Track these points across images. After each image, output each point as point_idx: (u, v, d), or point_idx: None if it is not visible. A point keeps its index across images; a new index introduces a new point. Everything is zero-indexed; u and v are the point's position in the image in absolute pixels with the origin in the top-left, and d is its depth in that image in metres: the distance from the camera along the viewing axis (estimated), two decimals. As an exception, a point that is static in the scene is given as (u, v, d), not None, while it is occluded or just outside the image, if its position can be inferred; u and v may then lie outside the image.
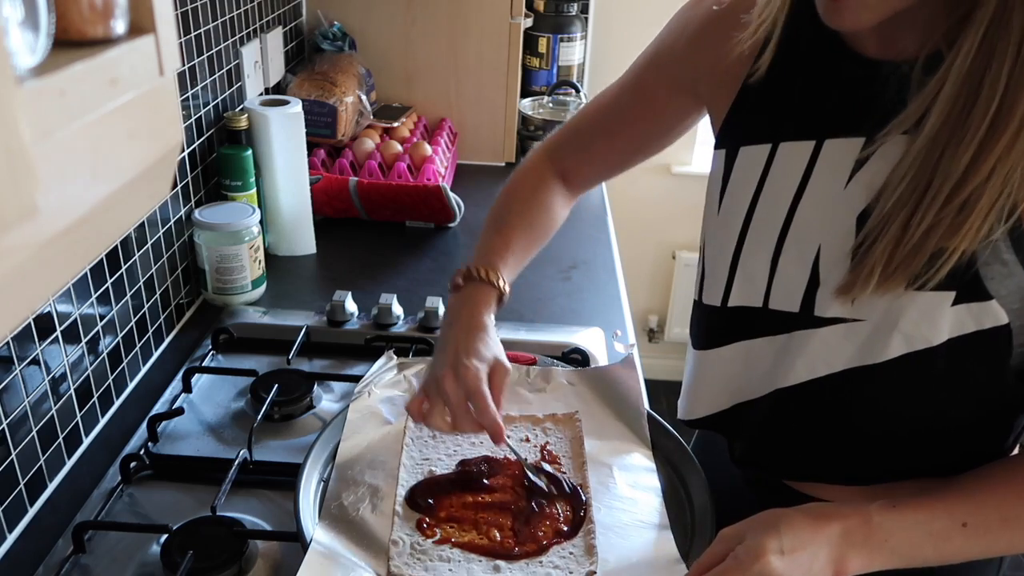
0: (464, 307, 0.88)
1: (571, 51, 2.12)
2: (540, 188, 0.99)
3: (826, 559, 0.67)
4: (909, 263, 0.65)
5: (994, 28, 0.58)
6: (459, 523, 0.81)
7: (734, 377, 0.83)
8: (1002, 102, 0.59)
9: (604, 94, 0.97)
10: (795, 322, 0.75)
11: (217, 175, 1.35)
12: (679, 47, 0.87)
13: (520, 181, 1.00)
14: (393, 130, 1.80)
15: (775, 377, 0.78)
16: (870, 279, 0.67)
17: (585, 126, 0.99)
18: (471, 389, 0.80)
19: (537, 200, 0.98)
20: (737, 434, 0.86)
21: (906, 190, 0.65)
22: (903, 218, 0.65)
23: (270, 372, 1.10)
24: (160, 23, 0.43)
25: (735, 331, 0.81)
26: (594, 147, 0.98)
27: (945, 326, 0.68)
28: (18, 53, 0.33)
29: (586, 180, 1.02)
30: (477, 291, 0.89)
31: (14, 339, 0.84)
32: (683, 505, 0.86)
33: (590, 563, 0.76)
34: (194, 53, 1.25)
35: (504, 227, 0.96)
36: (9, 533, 0.85)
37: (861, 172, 0.70)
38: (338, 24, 1.84)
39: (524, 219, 0.97)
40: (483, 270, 0.89)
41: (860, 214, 0.69)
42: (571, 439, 0.92)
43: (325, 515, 0.80)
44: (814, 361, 0.75)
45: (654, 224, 2.65)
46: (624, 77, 0.95)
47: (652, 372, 1.40)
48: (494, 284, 0.89)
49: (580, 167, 1.00)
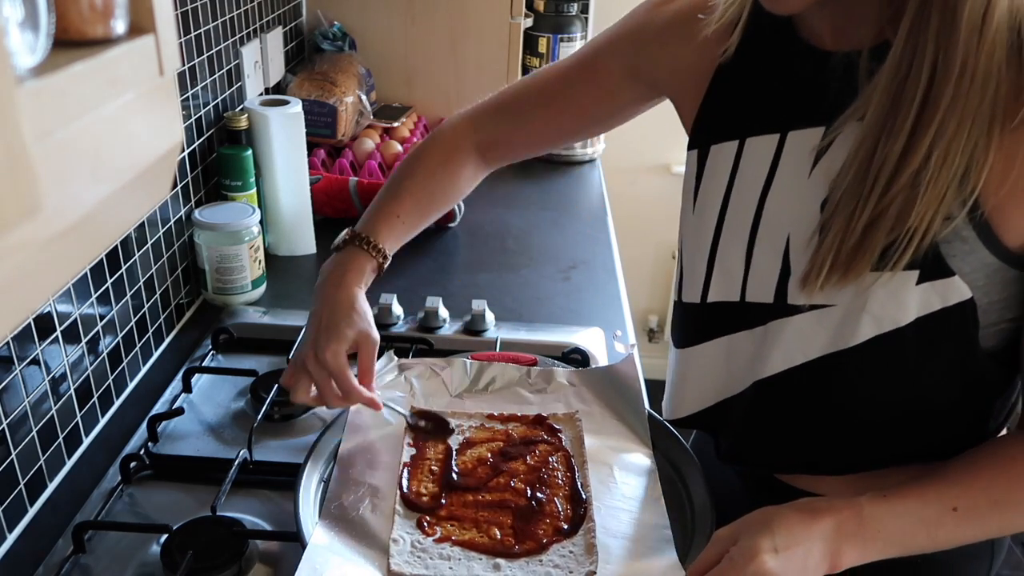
0: (333, 274, 0.88)
1: (571, 51, 2.11)
2: (452, 157, 0.97)
3: (821, 554, 0.67)
4: (860, 251, 0.67)
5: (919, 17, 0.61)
6: (459, 521, 0.81)
7: (717, 373, 0.83)
8: (928, 88, 0.61)
9: (548, 69, 0.96)
10: (770, 312, 0.77)
11: (217, 175, 1.35)
12: (644, 38, 0.87)
13: (432, 146, 0.98)
14: (393, 130, 1.80)
15: (754, 369, 0.79)
16: (822, 268, 0.69)
17: (523, 98, 0.97)
18: (333, 371, 0.82)
19: (445, 170, 0.97)
20: (722, 430, 0.87)
21: (853, 179, 0.66)
22: (848, 207, 0.67)
23: (270, 372, 1.10)
24: (160, 23, 0.43)
25: (715, 327, 0.82)
26: (530, 120, 0.97)
27: (912, 305, 0.69)
28: (18, 53, 0.33)
29: (511, 153, 1.01)
30: (353, 258, 0.89)
31: (14, 339, 0.84)
32: (683, 504, 0.86)
33: (590, 562, 0.76)
34: (194, 53, 1.24)
35: (402, 192, 0.95)
36: (9, 533, 0.85)
37: (822, 161, 0.71)
38: (338, 24, 1.84)
39: (425, 188, 0.96)
40: (366, 238, 0.89)
41: (823, 202, 0.71)
42: (572, 439, 0.92)
43: (325, 515, 0.80)
44: (790, 350, 0.76)
45: (654, 224, 2.65)
46: (574, 57, 0.95)
47: (652, 372, 1.40)
48: (372, 254, 0.89)
49: (509, 139, 0.99)
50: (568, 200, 1.81)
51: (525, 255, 1.52)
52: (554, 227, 1.64)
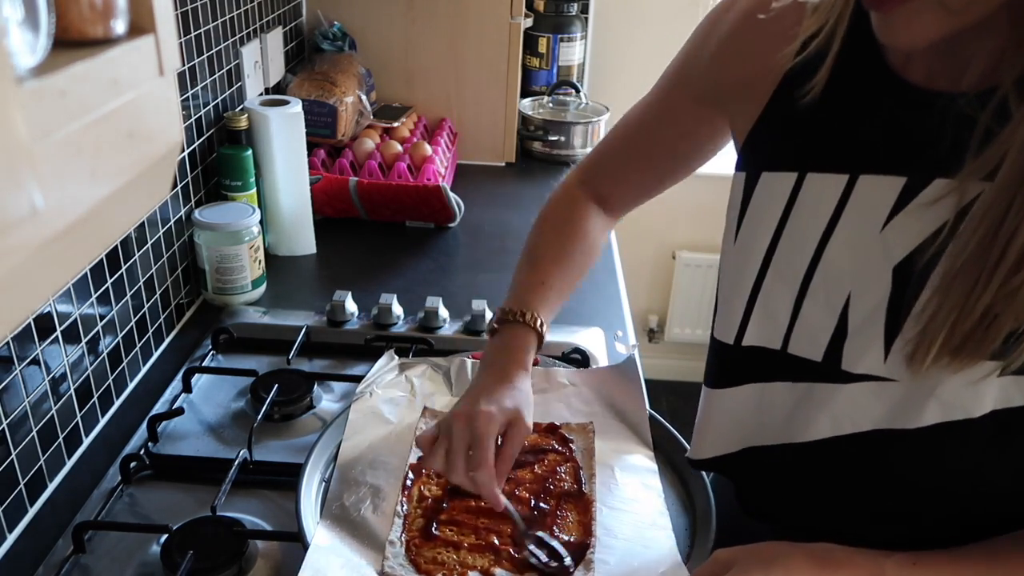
0: (499, 354, 0.84)
1: (571, 51, 2.12)
2: (574, 215, 0.93)
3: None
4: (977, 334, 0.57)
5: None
6: (459, 527, 0.81)
7: (745, 420, 0.76)
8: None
9: (631, 112, 0.90)
10: (817, 372, 0.69)
11: (217, 175, 1.35)
12: (705, 55, 0.79)
13: (552, 209, 0.95)
14: (393, 130, 1.80)
15: (793, 428, 0.72)
16: (930, 349, 0.59)
17: (616, 149, 0.93)
18: (478, 434, 0.76)
19: (572, 229, 0.92)
20: (747, 481, 0.81)
21: (976, 249, 0.56)
22: (967, 282, 0.56)
23: (270, 372, 1.10)
24: (160, 23, 0.43)
25: (748, 372, 0.74)
26: (627, 170, 0.92)
27: (988, 397, 0.60)
28: (18, 53, 0.33)
29: (624, 203, 0.95)
30: (514, 335, 0.85)
31: (14, 339, 0.84)
32: (685, 506, 0.86)
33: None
34: (194, 53, 1.24)
35: (539, 262, 0.90)
36: (9, 533, 0.85)
37: (900, 216, 0.62)
38: (338, 24, 1.84)
39: (560, 251, 0.91)
40: (519, 312, 0.85)
41: (897, 265, 0.62)
42: (583, 450, 0.91)
43: (326, 515, 0.80)
44: (839, 417, 0.68)
45: (654, 224, 2.65)
46: (650, 93, 0.88)
47: (652, 372, 1.40)
48: (531, 326, 0.85)
49: (616, 190, 0.94)
50: (568, 200, 1.81)
51: (525, 255, 1.52)
52: (554, 227, 1.64)
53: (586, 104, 2.05)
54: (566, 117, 2.00)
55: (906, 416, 0.64)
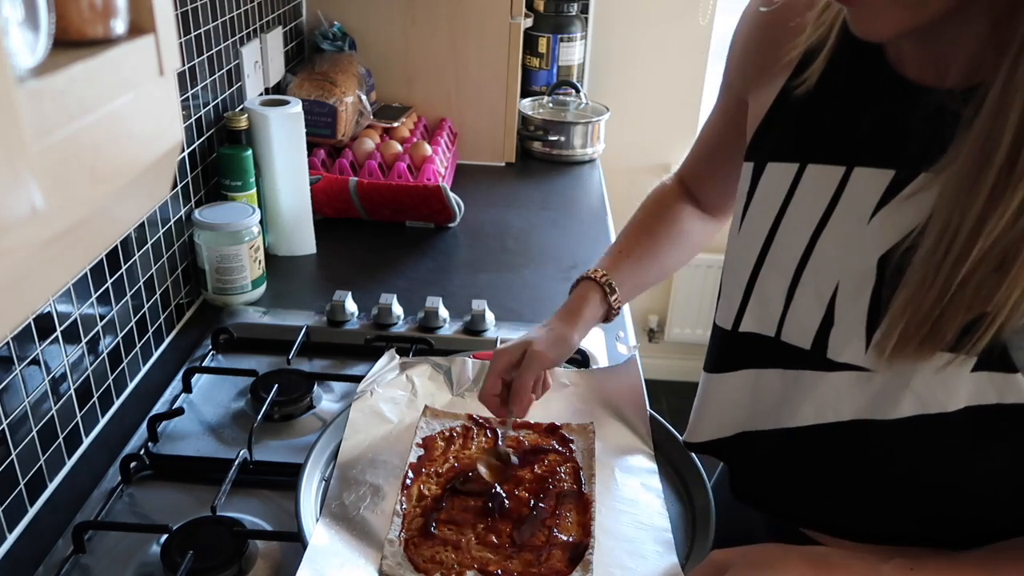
0: (563, 307, 0.92)
1: (571, 51, 2.12)
2: (665, 201, 0.98)
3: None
4: (932, 324, 0.58)
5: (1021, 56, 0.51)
6: (458, 526, 0.81)
7: (740, 405, 0.78)
8: (1017, 142, 0.52)
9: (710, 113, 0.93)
10: (805, 360, 0.70)
11: (217, 175, 1.35)
12: (737, 52, 0.82)
13: (648, 197, 1.01)
14: (393, 130, 1.80)
15: (781, 415, 0.74)
16: (891, 338, 0.61)
17: (696, 151, 0.97)
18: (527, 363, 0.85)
19: (660, 211, 0.98)
20: (738, 465, 0.82)
21: (932, 241, 0.57)
22: (921, 272, 0.58)
23: (270, 372, 1.10)
24: (160, 23, 0.43)
25: (744, 358, 0.76)
26: (708, 170, 0.95)
27: (962, 392, 0.61)
28: (18, 53, 0.33)
29: (715, 202, 0.97)
30: (577, 289, 0.93)
31: (14, 339, 0.84)
32: (684, 506, 0.86)
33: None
34: (194, 53, 1.24)
35: (622, 235, 0.98)
36: (9, 533, 0.85)
37: (886, 208, 0.63)
38: (338, 24, 1.84)
39: (643, 228, 0.98)
40: (592, 270, 0.93)
41: (882, 256, 0.63)
42: (583, 450, 0.91)
43: (326, 514, 0.80)
44: (822, 406, 0.70)
45: (654, 224, 2.65)
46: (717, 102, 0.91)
47: (652, 372, 1.40)
48: (595, 279, 0.92)
49: (702, 190, 0.97)
50: (568, 200, 1.81)
51: (525, 255, 1.52)
52: (554, 227, 1.65)
53: (586, 104, 2.05)
54: (566, 117, 2.00)
55: (884, 407, 0.65)
